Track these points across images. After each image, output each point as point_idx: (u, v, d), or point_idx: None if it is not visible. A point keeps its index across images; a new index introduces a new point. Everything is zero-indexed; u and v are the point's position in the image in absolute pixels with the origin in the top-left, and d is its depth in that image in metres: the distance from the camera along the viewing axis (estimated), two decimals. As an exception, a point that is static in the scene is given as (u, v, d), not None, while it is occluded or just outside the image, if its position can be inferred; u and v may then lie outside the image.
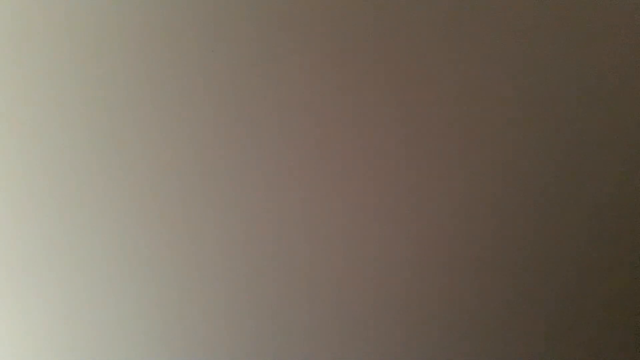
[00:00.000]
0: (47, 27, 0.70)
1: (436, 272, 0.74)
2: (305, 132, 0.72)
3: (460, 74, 0.73)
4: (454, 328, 0.74)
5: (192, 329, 0.72)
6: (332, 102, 0.72)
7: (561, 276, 0.75)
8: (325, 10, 0.72)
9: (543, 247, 0.74)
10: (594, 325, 0.75)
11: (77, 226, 0.71)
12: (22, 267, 0.71)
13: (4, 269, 0.70)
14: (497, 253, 0.74)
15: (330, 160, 0.72)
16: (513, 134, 0.74)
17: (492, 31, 0.74)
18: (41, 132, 0.70)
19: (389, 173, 0.73)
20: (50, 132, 0.71)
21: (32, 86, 0.70)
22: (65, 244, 0.71)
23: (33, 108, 0.70)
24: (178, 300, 0.72)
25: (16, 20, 0.70)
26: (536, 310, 0.75)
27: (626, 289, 0.75)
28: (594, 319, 0.75)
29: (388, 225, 0.73)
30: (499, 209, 0.74)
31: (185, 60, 0.71)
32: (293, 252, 0.72)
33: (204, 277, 0.72)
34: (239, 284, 0.72)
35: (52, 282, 0.71)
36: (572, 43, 0.74)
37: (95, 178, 0.71)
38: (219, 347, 0.72)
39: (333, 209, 0.73)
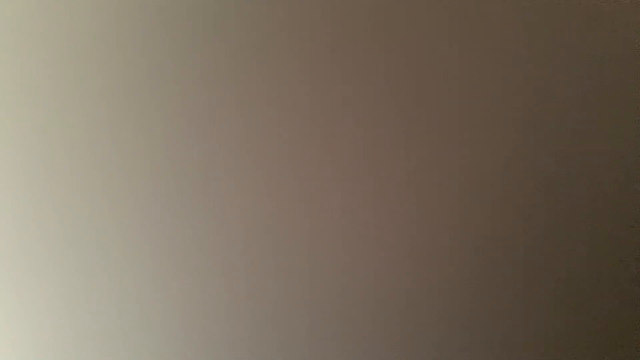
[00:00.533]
0: (47, 26, 0.70)
1: (437, 273, 0.74)
2: (305, 132, 0.72)
3: (460, 74, 0.73)
4: (455, 329, 0.74)
5: (193, 328, 0.72)
6: (332, 102, 0.72)
7: (561, 277, 0.75)
8: (327, 10, 0.72)
9: (543, 247, 0.74)
10: (594, 325, 0.75)
11: (78, 225, 0.71)
12: (23, 268, 0.71)
13: (6, 269, 0.70)
14: (497, 254, 0.74)
15: (331, 160, 0.72)
16: (513, 134, 0.74)
17: (492, 31, 0.73)
18: (43, 132, 0.71)
19: (389, 173, 0.73)
20: (52, 132, 0.71)
21: (33, 86, 0.70)
22: (66, 244, 0.71)
23: (33, 108, 0.70)
24: (179, 299, 0.72)
25: (16, 20, 0.70)
26: (536, 310, 0.74)
27: (626, 289, 0.75)
28: (594, 319, 0.75)
29: (388, 226, 0.73)
30: (500, 210, 0.74)
31: (185, 61, 0.71)
32: (293, 252, 0.72)
33: (204, 277, 0.72)
34: (239, 285, 0.72)
35: (53, 282, 0.71)
36: (573, 43, 0.74)
37: (96, 177, 0.71)
38: (219, 347, 0.72)
39: (333, 209, 0.73)
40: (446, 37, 0.73)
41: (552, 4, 0.74)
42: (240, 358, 0.72)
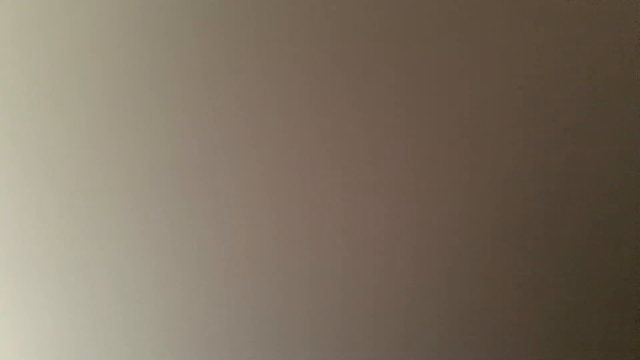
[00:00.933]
0: (48, 26, 0.70)
1: (438, 272, 0.74)
2: (307, 132, 0.72)
3: (461, 74, 0.73)
4: (455, 330, 0.74)
5: (194, 328, 0.72)
6: (334, 102, 0.72)
7: (561, 279, 0.75)
8: (329, 9, 0.72)
9: (544, 247, 0.74)
10: (594, 325, 0.75)
11: (80, 225, 0.71)
12: (24, 268, 0.70)
13: (6, 270, 0.70)
14: (498, 254, 0.74)
15: (333, 160, 0.72)
16: (514, 135, 0.74)
17: (493, 31, 0.73)
18: (42, 132, 0.70)
19: (390, 173, 0.73)
20: (53, 132, 0.70)
21: (33, 86, 0.70)
22: (67, 244, 0.71)
23: (34, 108, 0.70)
24: (180, 300, 0.72)
25: (16, 20, 0.70)
26: (535, 311, 0.74)
27: (626, 290, 0.75)
28: (594, 320, 0.75)
29: (389, 226, 0.73)
30: (501, 209, 0.74)
31: (187, 61, 0.71)
32: (294, 251, 0.72)
33: (205, 277, 0.72)
34: (240, 285, 0.72)
35: (54, 281, 0.71)
36: (573, 44, 0.74)
37: (97, 177, 0.71)
38: (219, 347, 0.72)
39: (334, 209, 0.72)
40: (447, 37, 0.73)
41: (552, 4, 0.74)
42: (241, 358, 0.72)
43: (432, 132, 0.73)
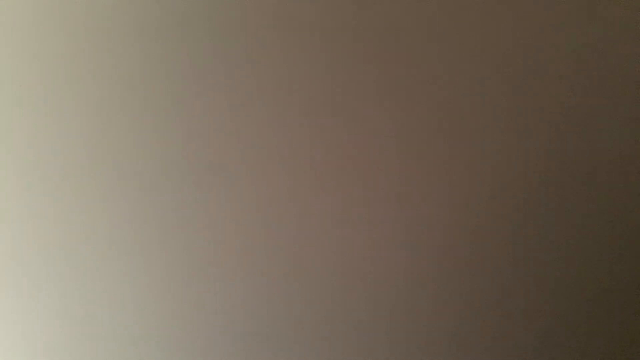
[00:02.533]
0: (46, 26, 0.70)
1: (432, 272, 0.74)
2: (300, 133, 0.72)
3: (457, 74, 0.73)
4: (451, 329, 0.74)
5: (190, 330, 0.72)
6: (327, 100, 0.72)
7: (560, 279, 0.74)
8: (320, 9, 0.72)
9: (540, 246, 0.74)
10: (593, 326, 0.75)
11: (76, 226, 0.71)
12: (22, 269, 0.71)
13: (3, 271, 0.70)
14: (493, 255, 0.74)
15: (327, 159, 0.72)
16: (510, 135, 0.74)
17: (489, 30, 0.73)
18: (40, 132, 0.71)
19: (385, 173, 0.73)
20: (49, 133, 0.71)
21: (31, 87, 0.70)
22: (64, 245, 0.71)
23: (31, 109, 0.71)
24: (177, 301, 0.72)
25: (15, 20, 0.70)
26: (534, 312, 0.74)
27: (626, 290, 0.75)
28: (593, 320, 0.75)
29: (382, 226, 0.73)
30: (496, 211, 0.74)
31: (181, 61, 0.71)
32: (287, 252, 0.72)
33: (200, 279, 0.72)
34: (235, 287, 0.72)
35: (49, 283, 0.71)
36: (571, 43, 0.74)
37: (94, 178, 0.71)
38: (216, 347, 0.72)
39: (329, 208, 0.73)
40: (443, 37, 0.73)
41: (551, 4, 0.74)
42: (237, 358, 0.73)
43: (426, 131, 0.73)
